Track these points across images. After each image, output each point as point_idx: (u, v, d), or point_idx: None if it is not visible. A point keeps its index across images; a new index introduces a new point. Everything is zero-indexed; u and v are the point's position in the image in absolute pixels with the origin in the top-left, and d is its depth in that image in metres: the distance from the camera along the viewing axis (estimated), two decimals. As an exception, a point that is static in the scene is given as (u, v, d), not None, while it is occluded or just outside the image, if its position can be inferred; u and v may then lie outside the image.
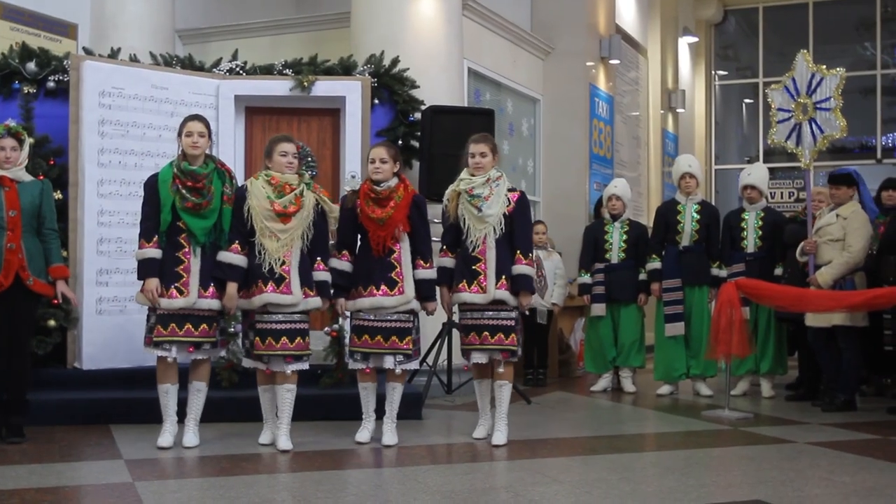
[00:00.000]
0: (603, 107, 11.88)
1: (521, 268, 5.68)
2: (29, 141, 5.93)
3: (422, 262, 5.79)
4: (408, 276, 5.72)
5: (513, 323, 5.71)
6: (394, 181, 5.76)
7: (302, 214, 5.59)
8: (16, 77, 7.04)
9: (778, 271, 7.92)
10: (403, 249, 5.74)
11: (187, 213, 5.50)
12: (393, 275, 5.69)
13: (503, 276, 5.67)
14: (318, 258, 5.73)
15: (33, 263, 5.63)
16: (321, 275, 5.71)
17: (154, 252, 5.51)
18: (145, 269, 5.52)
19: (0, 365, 5.63)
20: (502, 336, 5.68)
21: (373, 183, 5.73)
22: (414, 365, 5.98)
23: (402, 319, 5.73)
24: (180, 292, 5.49)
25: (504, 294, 5.66)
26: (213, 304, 5.57)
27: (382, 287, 5.67)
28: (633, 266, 8.37)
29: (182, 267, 5.53)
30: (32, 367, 6.02)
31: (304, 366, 5.69)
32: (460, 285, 5.72)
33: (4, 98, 7.04)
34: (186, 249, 5.54)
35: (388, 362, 5.73)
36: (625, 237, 8.41)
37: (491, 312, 5.69)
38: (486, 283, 5.67)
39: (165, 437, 5.58)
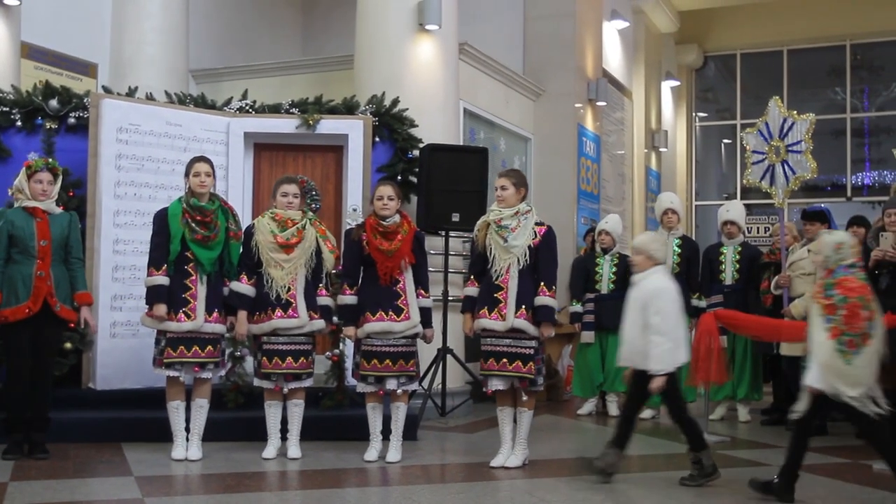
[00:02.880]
0: (590, 146, 11.94)
1: (544, 299, 5.62)
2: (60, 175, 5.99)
3: (422, 291, 5.92)
4: (412, 303, 5.84)
5: (531, 352, 5.63)
6: (397, 217, 5.87)
7: (304, 245, 5.86)
8: (39, 113, 7.09)
9: None
10: (407, 279, 5.86)
11: (196, 245, 5.73)
12: (399, 302, 5.79)
13: (523, 306, 5.62)
14: (321, 285, 5.94)
15: (60, 290, 5.73)
16: (324, 300, 5.97)
17: (163, 279, 5.72)
18: (154, 294, 5.73)
19: (25, 385, 5.68)
20: (520, 364, 5.61)
21: (380, 218, 5.82)
22: (415, 385, 6.05)
23: (407, 344, 5.83)
24: (188, 316, 5.71)
25: (523, 323, 5.59)
26: (216, 327, 5.81)
27: (391, 313, 5.76)
28: (621, 296, 8.32)
29: (190, 293, 5.75)
30: (50, 387, 6.05)
31: (306, 383, 5.91)
32: (481, 311, 5.71)
33: (28, 133, 7.07)
34: (194, 277, 5.77)
35: (392, 384, 5.82)
36: (614, 269, 8.43)
37: (510, 340, 5.63)
38: (506, 311, 5.62)
39: (178, 451, 5.76)
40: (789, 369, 7.31)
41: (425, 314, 5.91)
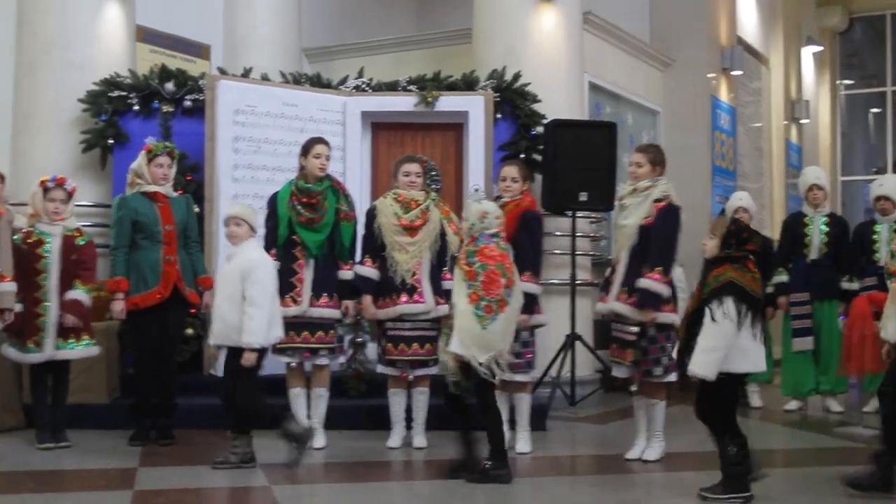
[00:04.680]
0: (725, 118, 11.67)
1: (645, 282, 5.43)
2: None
3: (525, 275, 5.64)
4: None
5: (632, 338, 5.51)
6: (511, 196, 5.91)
7: (428, 228, 5.88)
8: (155, 97, 7.36)
9: None
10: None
11: (302, 227, 5.82)
12: None
13: (626, 289, 5.52)
14: (445, 268, 5.93)
15: (185, 274, 5.93)
16: (450, 284, 5.82)
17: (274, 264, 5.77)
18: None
19: (153, 371, 5.94)
20: (630, 351, 5.53)
21: (496, 199, 5.87)
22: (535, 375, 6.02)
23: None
24: (294, 301, 5.78)
25: (622, 307, 5.50)
26: (324, 312, 5.86)
27: None
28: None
29: (296, 277, 5.84)
30: (172, 373, 6.31)
31: (431, 370, 5.92)
32: (601, 294, 5.73)
33: (145, 117, 7.36)
34: (301, 261, 5.86)
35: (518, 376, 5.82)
36: (750, 250, 8.22)
37: (617, 325, 5.61)
38: (610, 293, 5.60)
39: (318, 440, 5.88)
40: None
41: (528, 299, 5.62)
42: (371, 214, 5.95)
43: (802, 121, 14.83)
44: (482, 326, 4.95)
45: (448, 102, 7.53)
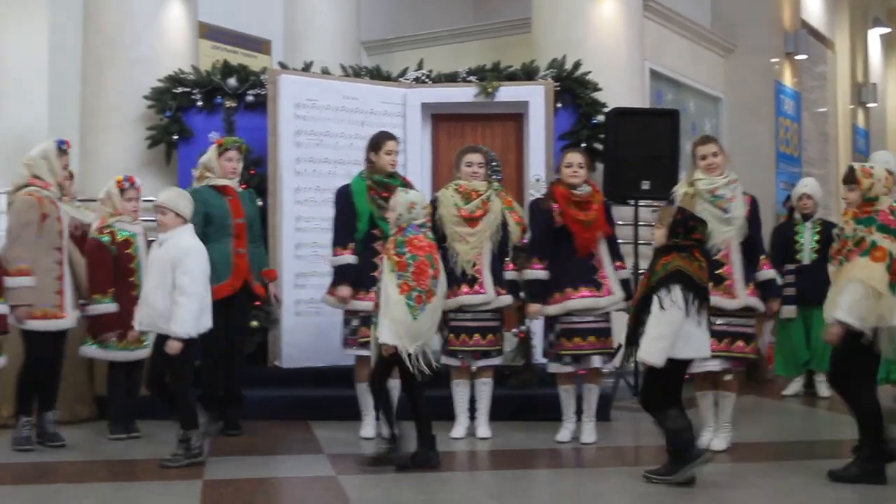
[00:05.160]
0: (789, 104, 11.52)
1: (768, 273, 5.63)
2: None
3: (619, 263, 5.87)
4: (611, 276, 5.81)
5: (753, 331, 5.63)
6: (587, 186, 5.87)
7: (489, 218, 5.90)
8: (218, 92, 7.51)
9: None
10: (603, 251, 5.83)
11: (384, 221, 5.77)
12: (597, 276, 5.77)
13: (751, 283, 5.55)
14: (507, 259, 5.98)
15: (252, 267, 6.05)
16: (510, 274, 5.99)
17: (350, 258, 5.90)
18: (341, 274, 5.90)
19: (220, 363, 6.06)
20: (742, 343, 5.52)
21: (569, 187, 5.81)
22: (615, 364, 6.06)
23: (605, 319, 5.82)
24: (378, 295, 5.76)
25: (754, 301, 5.55)
26: None
27: (590, 288, 5.74)
28: (824, 267, 8.05)
29: (378, 271, 5.76)
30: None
31: (494, 361, 5.97)
32: None
33: (208, 112, 7.51)
34: (382, 255, 5.81)
35: (596, 361, 5.84)
36: (816, 237, 8.10)
37: (738, 319, 5.53)
38: (736, 289, 5.50)
39: (367, 429, 5.97)
40: None
41: (626, 286, 5.87)
42: (433, 206, 5.96)
43: (869, 104, 14.59)
44: (413, 317, 5.00)
45: (508, 93, 7.55)
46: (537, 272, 5.79)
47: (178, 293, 5.10)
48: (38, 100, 8.79)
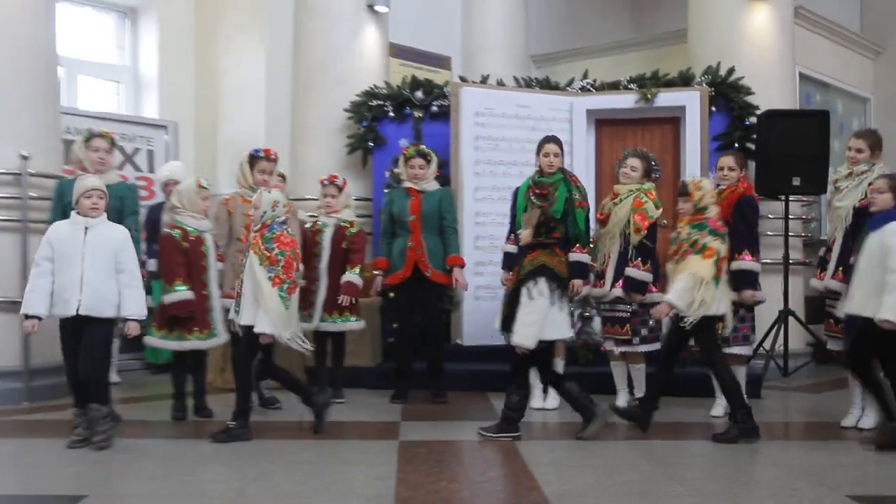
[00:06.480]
0: (937, 102, 10.87)
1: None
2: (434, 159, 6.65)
3: (743, 254, 5.65)
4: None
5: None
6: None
7: (617, 216, 5.85)
8: (407, 104, 7.78)
9: None
10: None
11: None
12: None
13: (840, 268, 5.46)
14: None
15: (433, 258, 6.30)
16: (631, 271, 5.84)
17: (510, 248, 6.10)
18: (505, 261, 6.16)
19: (407, 340, 6.40)
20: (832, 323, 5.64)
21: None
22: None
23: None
24: None
25: (836, 285, 5.49)
26: None
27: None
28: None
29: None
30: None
31: (638, 348, 5.94)
32: (820, 273, 5.72)
33: (399, 122, 7.80)
34: None
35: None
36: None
37: (834, 301, 5.53)
38: (827, 272, 5.61)
39: (535, 401, 6.14)
40: None
41: (748, 277, 5.67)
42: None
43: None
44: (285, 307, 5.06)
45: (666, 98, 7.51)
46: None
47: (130, 277, 5.00)
48: (257, 112, 9.35)
